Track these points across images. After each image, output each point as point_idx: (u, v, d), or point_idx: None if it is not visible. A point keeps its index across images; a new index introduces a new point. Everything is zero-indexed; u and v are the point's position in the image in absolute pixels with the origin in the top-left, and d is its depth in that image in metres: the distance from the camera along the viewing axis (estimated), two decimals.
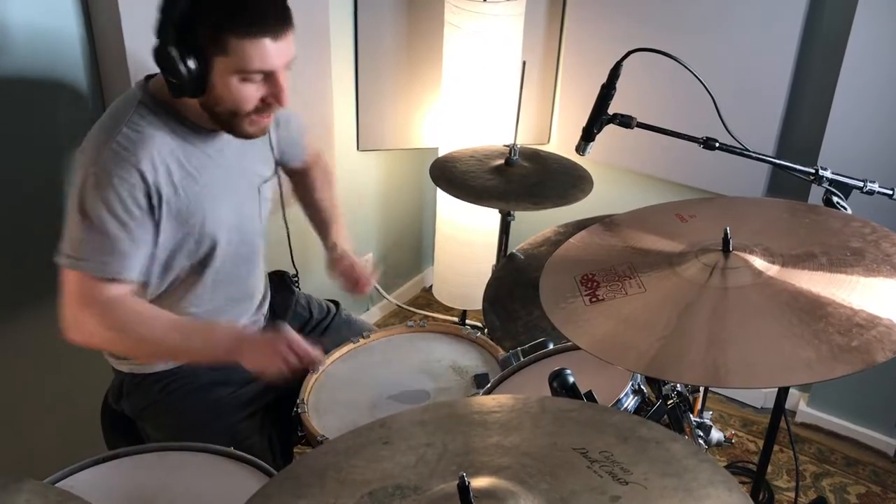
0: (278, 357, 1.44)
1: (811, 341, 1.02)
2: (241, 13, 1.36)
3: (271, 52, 1.38)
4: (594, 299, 1.18)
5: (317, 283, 2.15)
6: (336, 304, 1.94)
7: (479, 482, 0.82)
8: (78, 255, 1.41)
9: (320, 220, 1.88)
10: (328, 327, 1.85)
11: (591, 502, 0.80)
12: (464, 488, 0.77)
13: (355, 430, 0.99)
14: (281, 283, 1.89)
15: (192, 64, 1.38)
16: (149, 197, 1.44)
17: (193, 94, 1.42)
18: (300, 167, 1.88)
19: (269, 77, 1.42)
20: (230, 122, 1.47)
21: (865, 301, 1.06)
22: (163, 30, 1.38)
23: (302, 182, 1.89)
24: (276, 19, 1.39)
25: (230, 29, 1.35)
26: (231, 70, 1.39)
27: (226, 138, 1.55)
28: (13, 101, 1.73)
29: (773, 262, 1.16)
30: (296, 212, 1.90)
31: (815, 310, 1.07)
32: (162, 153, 1.45)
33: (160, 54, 1.39)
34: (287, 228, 1.82)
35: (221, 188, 1.55)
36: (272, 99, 1.44)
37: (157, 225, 1.47)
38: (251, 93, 1.42)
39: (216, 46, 1.37)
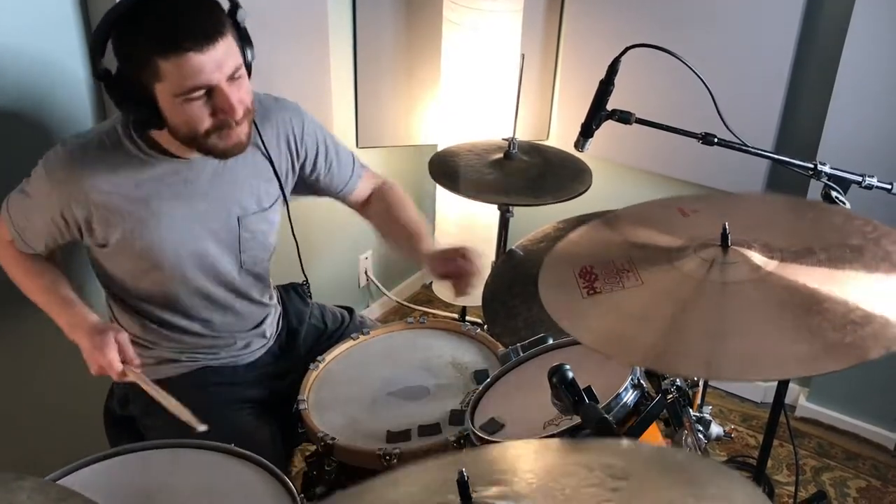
0: (89, 358, 1.49)
1: (805, 336, 1.02)
2: (158, 34, 1.32)
3: (201, 65, 1.32)
4: (591, 291, 1.17)
5: (326, 290, 2.15)
6: (349, 310, 1.93)
7: (476, 489, 0.81)
8: (9, 207, 1.57)
9: (406, 239, 1.75)
10: (343, 334, 1.84)
11: (591, 494, 0.80)
12: (463, 483, 0.77)
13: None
14: (294, 296, 1.88)
15: (137, 97, 1.36)
16: (68, 219, 1.49)
17: (156, 127, 1.42)
18: (366, 197, 1.83)
19: (213, 91, 1.36)
20: (198, 144, 1.43)
21: (862, 298, 1.06)
22: (97, 70, 1.36)
23: (377, 212, 1.82)
24: (197, 32, 1.32)
25: (153, 52, 1.32)
26: (170, 94, 1.35)
27: (196, 168, 1.53)
28: (17, 126, 1.74)
29: (772, 258, 1.16)
30: (303, 223, 1.89)
31: (810, 305, 1.06)
32: (109, 174, 1.46)
33: (109, 94, 1.39)
34: (296, 241, 1.81)
35: (180, 217, 1.53)
36: (222, 114, 1.38)
37: (72, 236, 1.54)
38: (198, 112, 1.37)
39: (149, 74, 1.34)
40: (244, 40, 1.43)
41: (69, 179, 1.46)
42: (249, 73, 1.46)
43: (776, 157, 1.68)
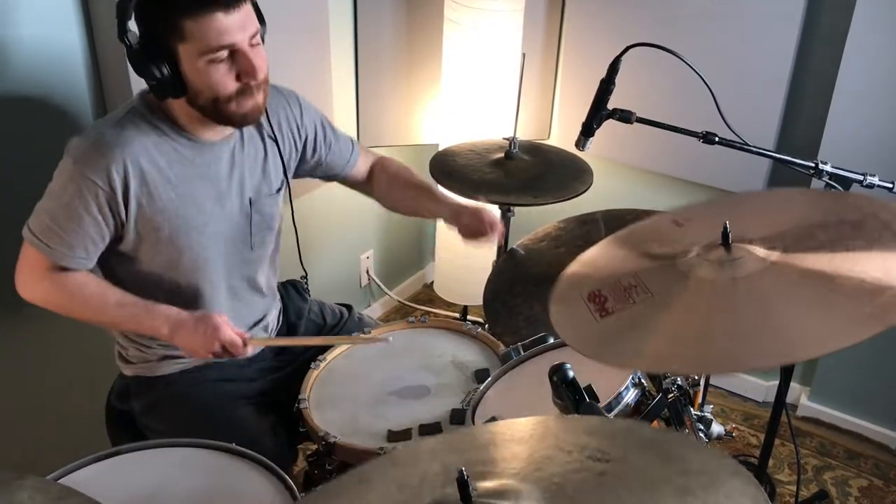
0: (206, 347, 1.47)
1: (830, 311, 1.03)
2: None
3: (227, 25, 1.37)
4: (604, 314, 1.17)
5: (327, 289, 2.15)
6: (348, 307, 1.94)
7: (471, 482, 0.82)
8: (34, 231, 1.48)
9: (422, 200, 1.82)
10: (341, 331, 1.86)
11: (581, 479, 0.80)
12: (463, 482, 0.77)
13: (323, 489, 0.99)
14: (293, 292, 1.90)
15: (160, 60, 1.39)
16: (111, 199, 1.46)
17: (175, 93, 1.43)
18: (366, 173, 1.87)
19: (236, 53, 1.40)
20: (219, 111, 1.46)
21: (871, 270, 1.06)
22: (123, 33, 1.38)
23: (382, 182, 1.86)
24: None
25: (180, 12, 1.36)
26: (195, 54, 1.39)
27: (217, 151, 1.55)
28: (16, 116, 1.74)
29: (775, 248, 1.16)
30: (303, 223, 1.88)
31: (825, 283, 1.07)
32: (139, 157, 1.46)
33: (130, 59, 1.40)
34: (296, 233, 1.82)
35: (203, 199, 1.55)
36: (245, 77, 1.43)
37: (120, 225, 1.50)
38: (223, 74, 1.41)
39: (174, 34, 1.38)
40: (258, 13, 1.48)
41: (107, 157, 1.44)
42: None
43: (777, 156, 1.68)
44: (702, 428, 1.37)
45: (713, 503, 0.76)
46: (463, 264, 2.80)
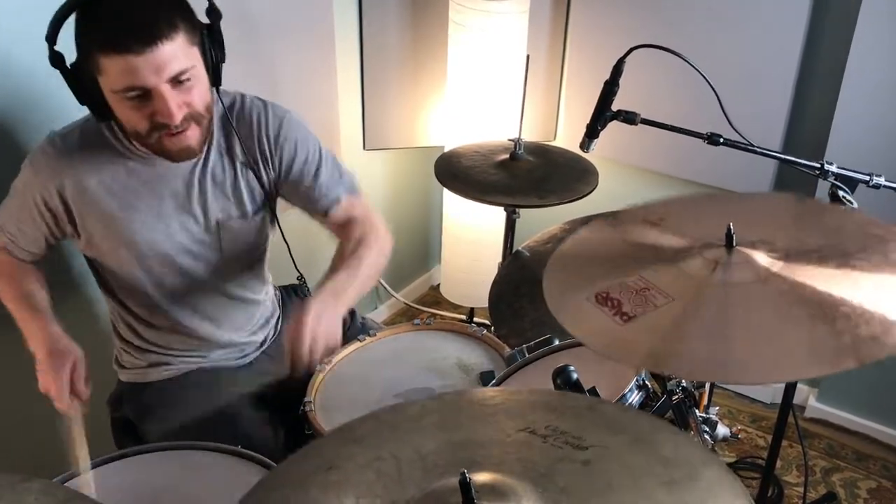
0: (45, 382, 1.46)
1: (838, 330, 1.00)
2: (99, 31, 1.30)
3: (137, 66, 1.29)
4: (626, 318, 1.10)
5: None
6: (351, 311, 1.93)
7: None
8: None
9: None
10: (344, 334, 1.84)
11: (569, 470, 0.80)
12: (465, 484, 0.77)
13: (288, 462, 0.95)
14: (295, 298, 1.89)
15: (89, 87, 1.36)
16: (48, 204, 1.49)
17: (106, 119, 1.41)
18: (339, 223, 1.68)
19: (150, 93, 1.33)
20: (143, 143, 1.43)
21: (876, 293, 1.04)
22: (54, 57, 1.36)
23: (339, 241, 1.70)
24: (137, 34, 1.29)
25: (95, 48, 1.31)
26: (109, 89, 1.35)
27: (173, 169, 1.51)
28: (10, 119, 1.73)
29: (777, 257, 1.15)
30: (308, 225, 1.86)
31: (831, 300, 1.05)
32: (81, 169, 1.47)
33: (67, 82, 1.38)
34: (287, 244, 1.78)
35: (154, 213, 1.52)
36: (158, 117, 1.35)
37: (62, 232, 1.54)
38: (133, 112, 1.35)
39: (92, 67, 1.33)
40: (215, 43, 1.40)
41: (49, 168, 1.48)
42: (217, 77, 1.44)
43: (781, 156, 1.67)
44: (707, 430, 1.36)
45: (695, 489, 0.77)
46: (469, 266, 2.80)
